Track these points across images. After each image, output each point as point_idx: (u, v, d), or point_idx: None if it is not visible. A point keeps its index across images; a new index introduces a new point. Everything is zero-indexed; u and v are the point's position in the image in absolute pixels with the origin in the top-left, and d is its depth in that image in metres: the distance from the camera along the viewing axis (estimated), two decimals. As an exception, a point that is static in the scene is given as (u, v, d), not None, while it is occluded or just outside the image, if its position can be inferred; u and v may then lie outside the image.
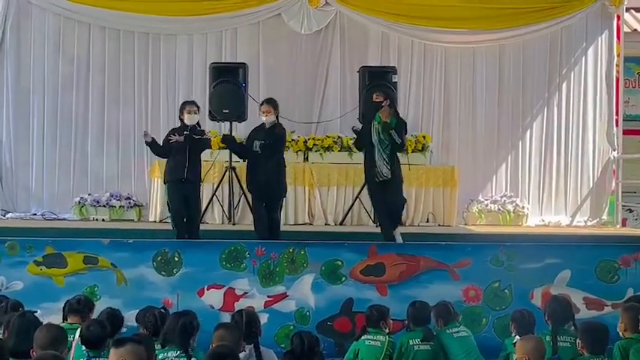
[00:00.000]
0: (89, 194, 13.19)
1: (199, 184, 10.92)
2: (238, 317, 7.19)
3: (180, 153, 10.44)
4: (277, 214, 10.77)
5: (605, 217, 14.01)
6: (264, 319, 9.46)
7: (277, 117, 10.75)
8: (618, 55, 14.22)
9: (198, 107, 10.85)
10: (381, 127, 10.42)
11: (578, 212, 14.07)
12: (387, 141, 10.40)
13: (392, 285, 9.92)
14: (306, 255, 9.92)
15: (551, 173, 14.15)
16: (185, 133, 10.45)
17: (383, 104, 10.58)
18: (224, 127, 12.99)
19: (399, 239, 10.49)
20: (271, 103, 10.75)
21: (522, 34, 14.05)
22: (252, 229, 10.83)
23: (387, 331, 8.08)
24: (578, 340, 6.80)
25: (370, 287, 9.91)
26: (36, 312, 6.89)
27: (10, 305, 7.68)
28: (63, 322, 7.53)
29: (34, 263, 9.74)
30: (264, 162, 10.49)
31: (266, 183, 10.53)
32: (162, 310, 7.60)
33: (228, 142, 11.20)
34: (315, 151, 13.22)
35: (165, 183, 10.80)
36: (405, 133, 10.76)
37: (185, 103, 10.87)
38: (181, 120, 10.71)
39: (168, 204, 10.79)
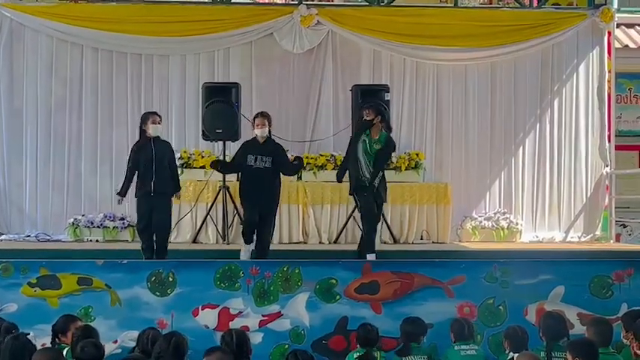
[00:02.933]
0: (83, 215, 13.17)
1: (169, 197, 10.76)
2: (228, 337, 7.19)
3: (148, 166, 10.42)
4: (271, 233, 10.83)
5: (598, 232, 14.02)
6: (258, 338, 9.57)
7: (270, 131, 10.79)
8: (609, 71, 14.27)
9: (160, 117, 10.82)
10: (369, 141, 10.57)
11: (572, 228, 14.09)
12: (373, 154, 10.60)
13: (386, 303, 9.92)
14: (300, 274, 9.91)
15: (545, 189, 14.17)
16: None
17: (374, 122, 10.65)
18: (217, 147, 13.02)
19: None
20: (266, 116, 10.79)
21: (514, 50, 14.10)
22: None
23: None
24: (567, 355, 6.78)
25: (365, 305, 9.89)
26: (28, 334, 6.88)
27: (4, 327, 7.67)
28: (53, 341, 7.60)
29: (28, 285, 9.70)
30: (265, 177, 10.54)
31: (265, 197, 10.59)
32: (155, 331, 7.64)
33: (217, 165, 11.23)
34: (309, 170, 13.22)
35: (135, 197, 10.69)
36: (394, 150, 11.20)
37: (149, 114, 10.79)
38: (144, 131, 10.63)
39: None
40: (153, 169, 10.41)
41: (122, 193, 10.64)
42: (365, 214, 10.92)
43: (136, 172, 10.54)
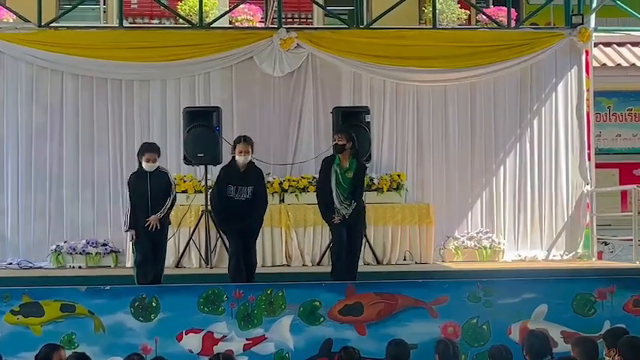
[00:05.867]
0: (65, 242, 13.13)
1: (167, 230, 10.71)
2: (216, 362, 7.19)
3: (143, 201, 10.33)
4: (255, 255, 10.75)
5: (580, 250, 14.06)
6: (243, 362, 9.54)
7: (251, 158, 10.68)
8: (588, 90, 14.37)
9: (159, 154, 10.58)
10: (340, 171, 10.52)
11: (554, 246, 14.11)
12: (346, 185, 10.51)
13: (370, 324, 9.93)
14: (284, 296, 9.92)
15: (526, 208, 14.20)
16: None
17: (346, 147, 10.64)
18: (199, 171, 13.02)
19: None
20: (249, 142, 10.60)
21: (493, 71, 14.16)
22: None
23: None
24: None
25: (349, 327, 9.91)
26: (12, 362, 6.87)
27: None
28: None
29: (11, 313, 9.68)
30: (244, 209, 10.42)
31: (246, 227, 10.51)
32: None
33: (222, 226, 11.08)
34: (291, 193, 13.24)
35: (133, 229, 10.56)
36: (364, 175, 11.03)
37: (145, 150, 10.51)
38: (140, 163, 10.52)
39: (132, 249, 10.63)
40: (149, 206, 10.31)
41: (131, 225, 10.40)
42: (333, 242, 10.92)
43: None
